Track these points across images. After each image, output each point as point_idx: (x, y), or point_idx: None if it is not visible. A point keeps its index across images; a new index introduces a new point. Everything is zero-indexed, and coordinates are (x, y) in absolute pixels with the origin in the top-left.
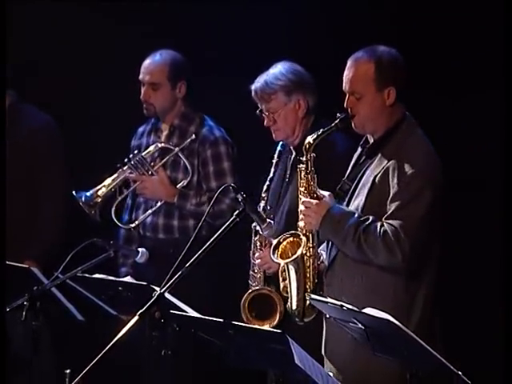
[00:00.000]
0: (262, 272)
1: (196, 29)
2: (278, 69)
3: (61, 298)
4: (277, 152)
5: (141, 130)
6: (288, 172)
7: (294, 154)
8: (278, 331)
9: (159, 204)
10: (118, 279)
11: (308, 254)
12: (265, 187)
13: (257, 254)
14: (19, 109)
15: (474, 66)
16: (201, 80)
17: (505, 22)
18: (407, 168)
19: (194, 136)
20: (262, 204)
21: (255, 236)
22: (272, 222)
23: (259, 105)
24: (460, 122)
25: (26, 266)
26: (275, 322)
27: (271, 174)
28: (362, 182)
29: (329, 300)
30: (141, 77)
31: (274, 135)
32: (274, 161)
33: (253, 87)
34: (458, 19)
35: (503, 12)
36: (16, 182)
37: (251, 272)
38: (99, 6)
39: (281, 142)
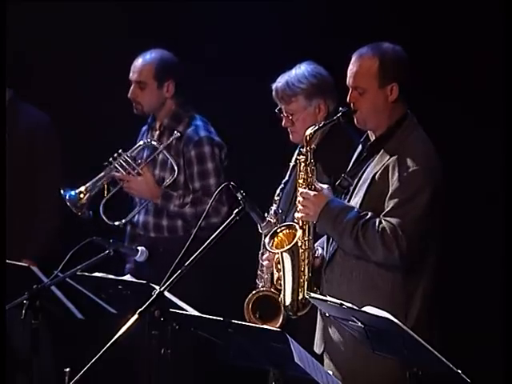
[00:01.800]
0: (270, 273)
1: (196, 28)
2: (301, 70)
3: (60, 297)
4: (294, 156)
5: (143, 128)
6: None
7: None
8: (278, 330)
9: (145, 203)
10: (117, 277)
11: (303, 247)
12: (278, 190)
13: (265, 256)
14: (16, 106)
15: (474, 64)
16: (200, 80)
17: (505, 21)
18: (407, 166)
19: (178, 134)
20: (274, 207)
21: (265, 237)
22: (271, 220)
23: (278, 104)
24: (460, 120)
25: (26, 265)
26: (278, 324)
27: (286, 177)
28: (362, 179)
29: (328, 298)
30: (130, 75)
31: (290, 136)
32: (291, 164)
33: (273, 86)
34: (458, 18)
35: (504, 11)
36: (13, 180)
37: (259, 272)
38: (99, 5)
39: (299, 146)
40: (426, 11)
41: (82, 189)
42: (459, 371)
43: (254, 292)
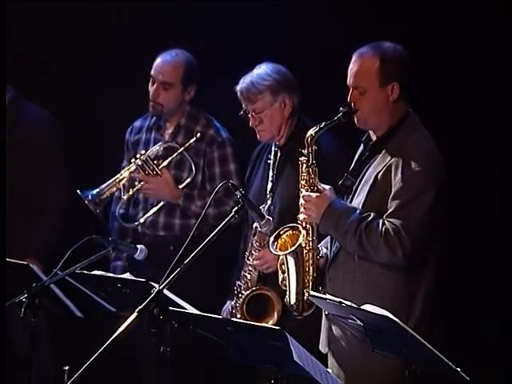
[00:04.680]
0: (257, 273)
1: (195, 27)
2: (263, 69)
3: (60, 295)
4: (273, 152)
5: (138, 124)
6: (274, 173)
7: (279, 155)
8: (277, 328)
9: (162, 203)
10: (116, 276)
11: (307, 248)
12: (269, 187)
13: (255, 254)
14: (18, 105)
15: (475, 64)
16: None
17: (505, 21)
18: (409, 166)
19: (199, 135)
20: (269, 203)
21: (254, 236)
22: (271, 218)
23: (244, 105)
24: (460, 120)
25: (25, 263)
26: (274, 321)
27: (271, 173)
28: (364, 178)
29: (327, 296)
30: (153, 73)
31: (258, 135)
32: (271, 161)
33: (238, 88)
34: (459, 18)
35: (504, 11)
36: (16, 178)
37: (243, 272)
38: (99, 4)
39: (274, 143)
40: (426, 10)
41: (102, 188)
42: (458, 369)
43: (247, 293)
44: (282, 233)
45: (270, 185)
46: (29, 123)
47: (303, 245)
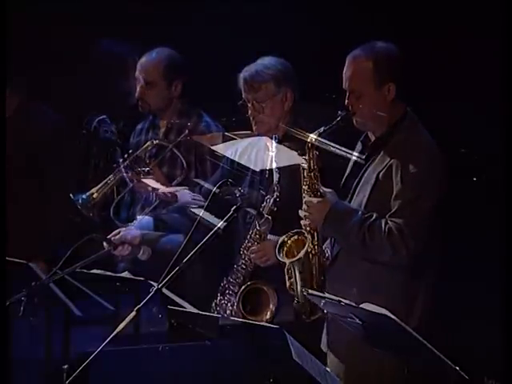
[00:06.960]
0: (252, 266)
1: (195, 27)
2: (267, 60)
3: (59, 294)
4: (274, 145)
5: (139, 127)
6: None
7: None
8: (276, 327)
9: (157, 202)
10: (116, 275)
11: (313, 252)
12: (276, 179)
13: (254, 247)
14: (28, 108)
15: (475, 63)
16: (198, 78)
17: (505, 19)
18: (411, 166)
19: (186, 132)
20: (276, 194)
21: (253, 229)
22: (270, 217)
23: (244, 94)
24: (461, 119)
25: (25, 262)
26: (269, 316)
27: (275, 165)
28: (363, 178)
29: (326, 295)
30: (136, 74)
31: (254, 127)
32: (273, 154)
33: (241, 75)
34: (458, 15)
35: (504, 10)
36: (21, 179)
37: (236, 267)
38: (98, 4)
39: (274, 136)
40: (425, 9)
41: (93, 191)
42: (457, 368)
43: (243, 287)
44: (286, 240)
45: (276, 176)
46: (37, 125)
47: (309, 250)
